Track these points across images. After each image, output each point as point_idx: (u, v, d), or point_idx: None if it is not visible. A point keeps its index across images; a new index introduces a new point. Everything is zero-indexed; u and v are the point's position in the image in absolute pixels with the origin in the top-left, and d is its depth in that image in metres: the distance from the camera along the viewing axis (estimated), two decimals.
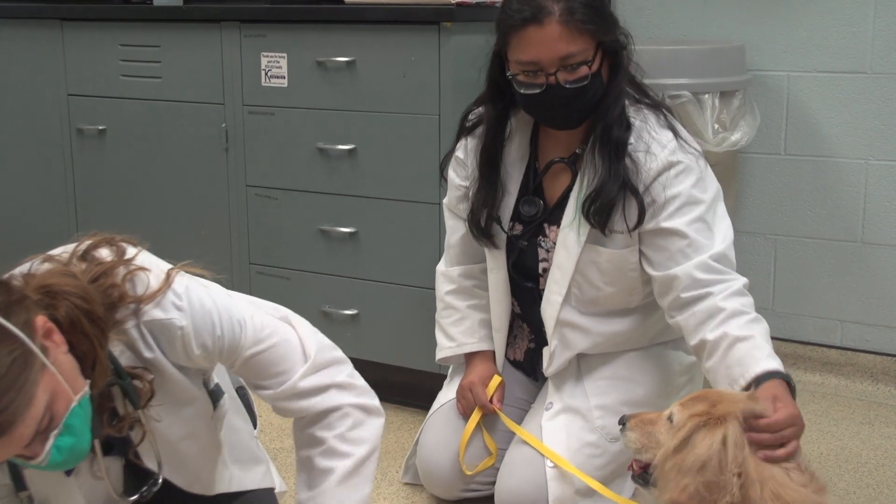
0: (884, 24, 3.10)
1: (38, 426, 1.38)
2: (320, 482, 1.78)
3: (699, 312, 2.09)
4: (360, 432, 1.81)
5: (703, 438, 1.70)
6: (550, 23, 2.09)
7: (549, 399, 2.39)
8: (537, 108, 2.23)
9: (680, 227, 2.15)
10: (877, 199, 3.20)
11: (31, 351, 1.36)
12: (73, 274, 1.53)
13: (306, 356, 1.78)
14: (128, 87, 3.37)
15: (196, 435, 1.85)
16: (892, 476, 2.67)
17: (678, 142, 2.22)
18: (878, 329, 3.27)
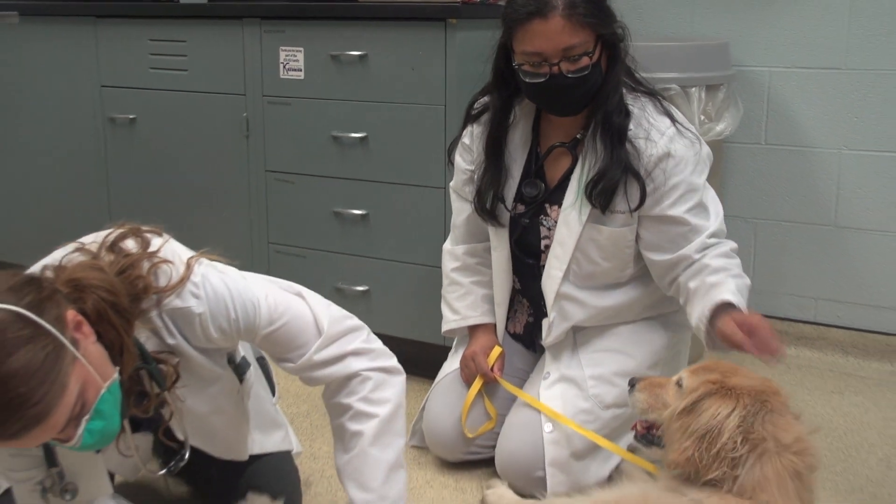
0: (857, 24, 3.08)
1: (70, 413, 1.39)
2: (353, 446, 1.77)
3: (688, 273, 2.15)
4: (382, 393, 1.79)
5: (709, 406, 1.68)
6: (554, 17, 2.07)
7: (547, 369, 2.37)
8: (541, 96, 2.22)
9: (681, 215, 2.17)
10: (849, 186, 3.19)
11: (63, 344, 1.37)
12: (101, 267, 1.53)
13: (320, 330, 1.76)
14: (156, 79, 3.34)
15: (222, 409, 1.85)
16: (859, 440, 2.66)
17: (676, 127, 2.20)
18: (848, 306, 3.26)
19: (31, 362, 1.32)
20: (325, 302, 1.83)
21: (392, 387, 1.81)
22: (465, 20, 2.75)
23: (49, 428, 1.37)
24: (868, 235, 3.19)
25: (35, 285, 1.41)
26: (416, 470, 2.49)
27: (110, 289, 1.51)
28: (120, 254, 1.59)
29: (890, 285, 3.19)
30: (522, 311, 2.51)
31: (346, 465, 1.78)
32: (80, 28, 3.47)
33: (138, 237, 1.65)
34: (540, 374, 2.39)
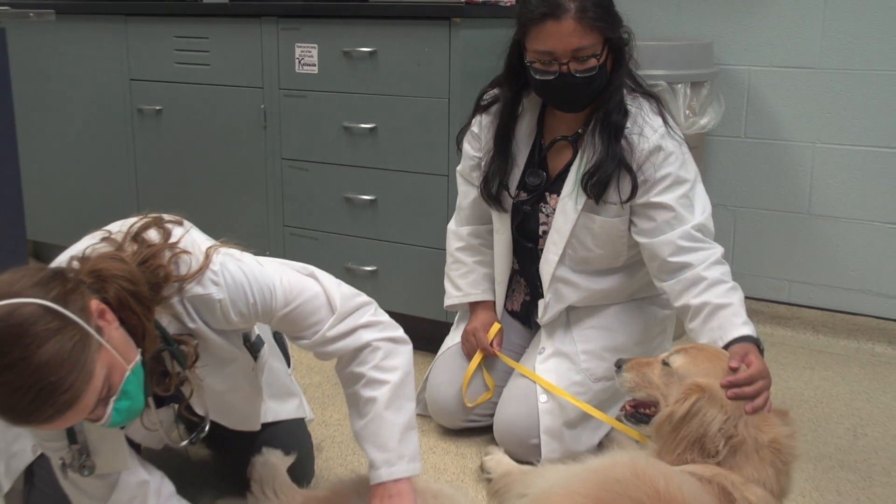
0: (830, 27, 3.06)
1: (98, 396, 1.40)
2: (368, 411, 1.75)
3: (684, 280, 2.09)
4: (391, 361, 1.77)
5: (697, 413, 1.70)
6: (566, 19, 2.04)
7: (542, 344, 2.35)
8: (549, 92, 2.19)
9: (667, 202, 2.13)
10: (822, 177, 3.17)
11: (88, 333, 1.37)
12: (122, 258, 1.51)
13: (332, 308, 1.74)
14: (181, 73, 3.32)
15: (239, 387, 1.84)
16: (828, 411, 2.65)
17: (667, 128, 2.18)
18: (820, 288, 3.25)
19: (60, 352, 1.32)
20: (336, 281, 1.80)
21: (401, 355, 1.80)
22: (468, 19, 2.72)
23: (80, 411, 1.38)
24: (839, 223, 3.17)
25: (60, 279, 1.40)
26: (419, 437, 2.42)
27: (131, 278, 1.50)
28: (143, 244, 1.58)
29: (858, 269, 3.17)
30: (520, 290, 2.48)
31: (362, 429, 1.76)
32: (111, 26, 3.44)
33: (160, 228, 1.63)
34: (535, 348, 2.37)
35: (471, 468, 2.30)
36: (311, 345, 1.75)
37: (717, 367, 1.80)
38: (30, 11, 2.63)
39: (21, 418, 1.35)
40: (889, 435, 2.49)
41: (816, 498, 2.16)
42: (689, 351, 1.85)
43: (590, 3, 2.05)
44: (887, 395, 2.75)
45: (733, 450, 1.68)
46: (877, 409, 2.66)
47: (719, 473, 1.66)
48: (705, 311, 2.02)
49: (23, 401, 1.31)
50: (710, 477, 1.65)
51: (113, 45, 3.45)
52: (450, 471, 2.29)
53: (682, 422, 1.71)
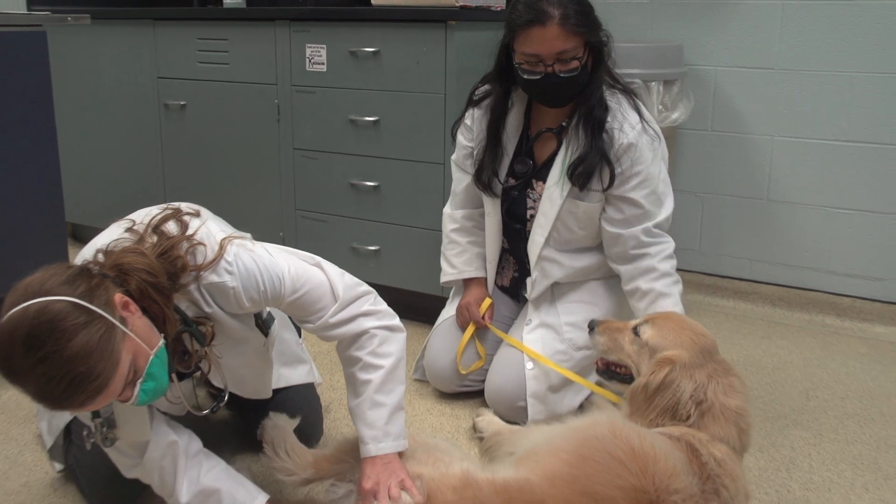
0: (787, 32, 3.03)
1: (125, 380, 1.40)
2: (363, 391, 1.72)
3: (640, 268, 2.16)
4: (386, 347, 1.74)
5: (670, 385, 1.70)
6: (551, 25, 2.01)
7: (529, 317, 2.33)
8: (536, 90, 2.15)
9: (637, 199, 2.14)
10: (779, 167, 3.14)
11: (114, 325, 1.37)
12: (143, 252, 1.49)
13: (336, 296, 1.71)
14: (203, 71, 3.27)
15: (251, 363, 1.83)
16: (784, 376, 2.65)
17: (643, 124, 2.15)
18: (777, 266, 3.23)
19: (88, 344, 1.32)
20: (340, 271, 1.77)
21: (395, 342, 1.76)
22: (462, 22, 2.68)
23: (109, 395, 1.38)
24: (794, 208, 3.14)
25: (86, 276, 1.40)
26: (418, 400, 2.45)
27: (151, 270, 1.48)
28: (162, 236, 1.55)
29: (811, 249, 3.15)
30: (509, 267, 2.45)
31: (356, 407, 1.73)
32: (140, 29, 3.40)
33: (179, 220, 1.60)
34: (523, 320, 2.34)
35: (464, 428, 2.28)
36: (315, 329, 1.73)
37: (684, 337, 1.78)
38: (68, 16, 2.70)
39: (57, 404, 1.35)
40: (837, 397, 2.49)
41: (773, 453, 2.16)
42: (657, 322, 1.85)
43: (572, 11, 2.03)
44: (836, 362, 2.75)
45: (702, 413, 1.68)
46: (826, 374, 2.66)
47: (688, 432, 1.67)
48: (650, 296, 2.13)
49: (57, 389, 1.31)
50: (680, 435, 1.66)
51: (142, 46, 3.41)
52: (445, 430, 2.27)
53: (656, 392, 1.70)
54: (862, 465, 2.10)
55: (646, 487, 1.50)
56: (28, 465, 2.05)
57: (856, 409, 2.42)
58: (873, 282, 3.06)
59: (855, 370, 2.69)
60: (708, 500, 1.58)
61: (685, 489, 1.54)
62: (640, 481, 1.50)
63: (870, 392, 2.53)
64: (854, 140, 2.99)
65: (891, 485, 2.02)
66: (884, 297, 3.05)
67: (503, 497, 1.47)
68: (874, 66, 2.91)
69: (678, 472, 1.54)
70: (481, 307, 2.39)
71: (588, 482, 1.49)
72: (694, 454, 1.61)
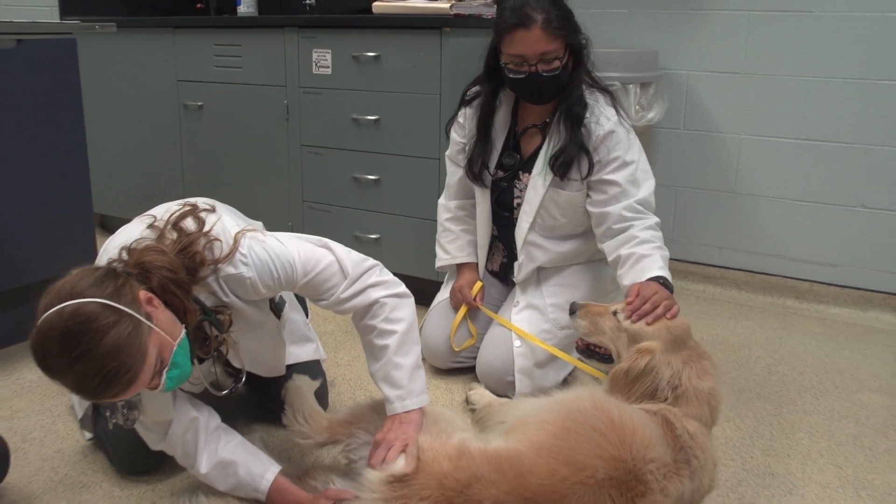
0: (752, 40, 3.02)
1: (153, 370, 1.41)
2: (382, 355, 1.71)
3: (621, 238, 2.09)
4: (398, 313, 1.72)
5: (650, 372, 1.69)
6: (535, 28, 2.00)
7: (517, 299, 2.31)
8: (521, 88, 2.14)
9: (617, 179, 2.11)
10: (746, 162, 3.13)
11: (140, 321, 1.38)
12: (163, 250, 1.49)
13: (345, 274, 1.70)
14: (219, 74, 3.24)
15: (268, 344, 1.84)
16: (748, 353, 2.65)
17: (619, 118, 2.14)
18: (743, 253, 3.21)
19: (119, 341, 1.33)
20: (347, 249, 1.75)
21: (405, 307, 1.74)
22: (456, 29, 2.65)
23: (139, 384, 1.39)
24: (759, 200, 3.13)
25: (112, 276, 1.41)
26: None
27: (171, 267, 1.48)
28: (181, 233, 1.55)
29: (773, 238, 3.14)
30: (498, 253, 2.43)
31: (377, 371, 1.72)
32: (161, 36, 3.37)
33: (196, 217, 1.59)
34: (511, 302, 2.33)
35: (458, 401, 2.27)
36: (329, 305, 1.71)
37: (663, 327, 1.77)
38: (95, 24, 2.72)
39: (93, 396, 1.37)
40: (796, 372, 2.49)
41: (738, 423, 2.15)
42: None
43: (554, 16, 2.02)
44: (794, 340, 2.75)
45: (677, 397, 1.68)
46: (787, 351, 2.66)
47: (664, 408, 1.67)
48: (631, 259, 2.03)
49: (92, 384, 1.33)
50: (656, 410, 1.66)
51: (163, 52, 3.38)
52: (441, 403, 2.25)
53: (636, 378, 1.70)
54: (817, 433, 2.10)
55: (624, 457, 1.50)
56: (61, 434, 2.05)
57: (812, 382, 2.42)
58: (829, 267, 3.06)
59: (812, 347, 2.69)
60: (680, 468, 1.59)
61: (659, 458, 1.54)
62: (618, 451, 1.50)
63: (825, 367, 2.53)
64: (812, 138, 2.98)
65: (842, 450, 2.02)
66: (838, 281, 3.05)
67: (494, 465, 1.47)
68: (829, 72, 2.90)
69: (654, 443, 1.54)
70: (473, 290, 2.37)
71: (571, 452, 1.49)
72: (668, 427, 1.61)
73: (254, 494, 1.70)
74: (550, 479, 1.45)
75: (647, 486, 1.50)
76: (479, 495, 1.42)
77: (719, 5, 3.03)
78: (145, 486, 1.82)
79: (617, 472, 1.48)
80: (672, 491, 1.57)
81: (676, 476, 1.58)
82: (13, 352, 2.54)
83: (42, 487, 1.81)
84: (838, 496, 1.81)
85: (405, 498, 1.45)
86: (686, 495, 1.63)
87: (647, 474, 1.51)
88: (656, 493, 1.51)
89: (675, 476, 1.57)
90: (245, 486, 1.70)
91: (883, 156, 2.88)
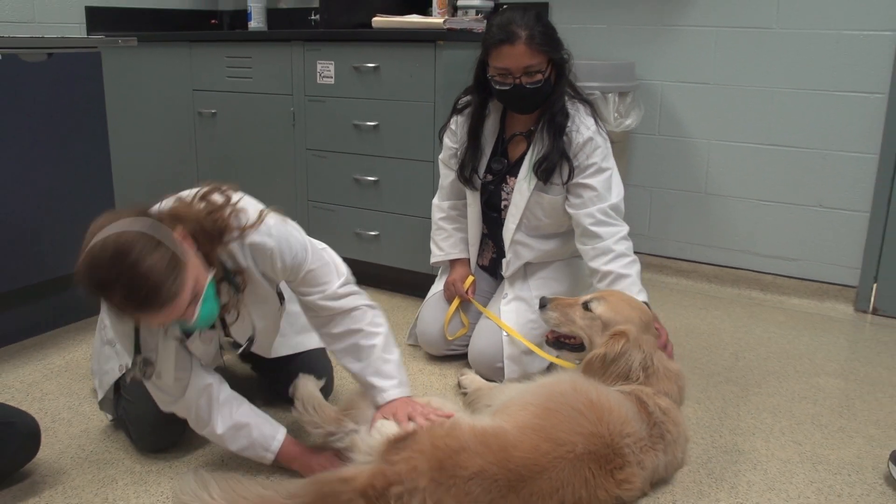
0: (720, 54, 3.02)
1: (190, 296, 1.42)
2: (370, 354, 1.72)
3: (597, 249, 2.09)
4: (379, 319, 1.76)
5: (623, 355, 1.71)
6: (519, 44, 2.01)
7: (506, 292, 2.31)
8: (506, 99, 2.14)
9: (593, 184, 2.11)
10: (715, 165, 3.13)
11: (178, 251, 1.40)
12: (193, 208, 1.51)
13: (339, 273, 1.73)
14: (231, 84, 3.23)
15: (266, 320, 1.82)
16: (717, 340, 2.65)
17: (597, 127, 2.14)
18: (713, 249, 3.21)
19: (159, 263, 1.36)
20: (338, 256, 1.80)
21: (381, 316, 1.78)
22: (449, 42, 2.65)
23: (178, 306, 1.40)
24: (727, 200, 3.13)
25: (146, 216, 1.44)
26: (411, 362, 2.44)
27: (199, 221, 1.50)
28: (208, 203, 1.56)
29: (741, 235, 3.14)
30: (488, 249, 2.43)
31: (365, 367, 1.72)
32: (178, 49, 3.35)
33: (222, 192, 1.60)
34: (500, 295, 2.33)
35: (450, 385, 2.27)
36: (321, 297, 1.72)
37: (634, 314, 1.78)
38: (118, 39, 2.75)
39: (137, 307, 1.38)
40: (761, 358, 2.50)
41: (708, 405, 2.16)
42: (608, 299, 1.83)
43: (537, 32, 2.02)
44: (759, 329, 2.76)
45: (648, 376, 1.69)
46: (752, 339, 2.66)
47: (637, 388, 1.68)
48: (610, 277, 2.05)
49: (138, 297, 1.35)
50: (630, 391, 1.67)
51: (180, 64, 3.36)
52: (435, 387, 2.26)
53: (612, 361, 1.71)
54: (779, 413, 2.11)
55: (602, 433, 1.51)
56: (87, 415, 2.05)
57: (775, 367, 2.43)
58: (790, 262, 3.06)
59: (775, 335, 2.70)
60: (654, 442, 1.60)
61: (635, 433, 1.55)
62: (596, 428, 1.51)
63: (786, 353, 2.54)
64: (775, 144, 2.98)
65: (802, 429, 2.03)
66: (799, 274, 3.05)
67: (480, 439, 1.47)
68: (790, 83, 2.90)
69: (629, 419, 1.55)
70: (465, 283, 2.37)
71: (553, 430, 1.50)
72: (642, 405, 1.62)
73: (264, 454, 1.72)
74: (533, 453, 1.46)
75: (625, 460, 1.51)
76: (466, 463, 1.43)
77: (690, 22, 3.04)
78: (163, 463, 1.82)
79: (595, 447, 1.49)
80: (648, 463, 1.58)
81: (652, 450, 1.59)
82: (43, 340, 2.54)
83: (70, 463, 1.82)
84: (798, 470, 1.83)
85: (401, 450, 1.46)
86: (661, 467, 1.64)
87: (623, 448, 1.52)
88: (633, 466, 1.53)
89: (650, 450, 1.59)
90: (256, 446, 1.71)
91: (839, 160, 2.89)
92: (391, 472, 1.43)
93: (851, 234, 2.92)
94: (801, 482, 1.77)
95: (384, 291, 3.08)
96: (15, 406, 1.78)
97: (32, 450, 1.74)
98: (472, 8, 3.16)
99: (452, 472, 1.41)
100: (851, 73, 2.79)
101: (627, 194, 2.22)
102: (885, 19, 2.71)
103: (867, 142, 2.82)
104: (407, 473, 1.41)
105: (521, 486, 1.42)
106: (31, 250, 2.41)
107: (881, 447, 1.93)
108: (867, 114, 2.80)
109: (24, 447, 1.72)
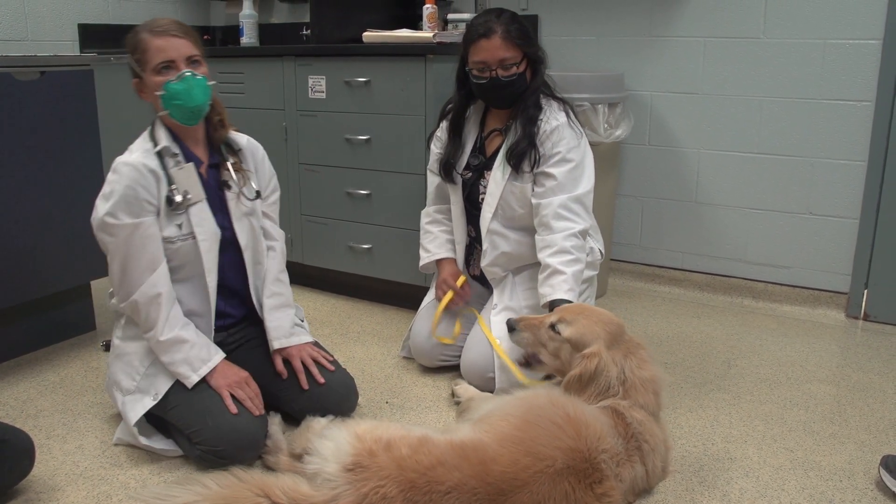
0: (708, 64, 3.05)
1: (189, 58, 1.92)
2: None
3: (545, 240, 2.14)
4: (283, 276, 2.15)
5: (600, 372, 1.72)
6: (494, 38, 2.11)
7: (495, 301, 2.33)
8: (483, 92, 2.21)
9: (554, 173, 2.16)
10: (705, 175, 3.15)
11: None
12: None
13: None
14: (224, 99, 3.13)
15: (254, 233, 2.06)
16: (710, 349, 2.65)
17: (568, 120, 2.20)
18: (704, 257, 3.23)
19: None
20: None
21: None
22: (438, 56, 2.68)
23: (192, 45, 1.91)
24: (718, 209, 3.15)
25: None
26: (405, 374, 2.44)
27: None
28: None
29: (732, 243, 3.16)
30: (478, 256, 2.42)
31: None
32: None
33: None
34: (490, 305, 2.34)
35: (444, 396, 2.28)
36: (269, 226, 2.12)
37: (599, 329, 1.77)
38: (111, 56, 2.72)
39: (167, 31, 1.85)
40: (753, 365, 2.51)
41: (700, 412, 2.17)
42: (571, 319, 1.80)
43: (513, 27, 2.12)
44: (752, 336, 2.77)
45: (626, 389, 1.72)
46: (745, 347, 2.67)
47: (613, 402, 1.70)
48: (547, 271, 2.10)
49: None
50: (607, 405, 1.69)
51: None
52: (428, 398, 2.26)
53: (589, 380, 1.72)
54: (771, 421, 2.13)
55: (580, 448, 1.52)
56: (82, 431, 2.05)
57: (767, 374, 2.44)
58: (782, 269, 3.08)
59: (767, 343, 2.71)
60: (631, 455, 1.62)
61: (612, 448, 1.57)
62: (575, 443, 1.52)
63: (778, 360, 2.55)
64: (764, 152, 3.01)
65: (793, 436, 2.04)
66: (790, 281, 3.07)
67: (458, 452, 1.47)
68: (778, 92, 2.93)
69: (605, 434, 1.58)
70: (458, 281, 2.38)
71: (532, 443, 1.50)
72: (619, 418, 1.64)
73: (189, 374, 1.83)
74: (513, 467, 1.46)
75: (603, 474, 1.53)
76: (443, 478, 1.43)
77: (678, 32, 3.07)
78: (157, 479, 1.83)
79: (574, 462, 1.50)
80: (626, 476, 1.60)
81: (628, 462, 1.61)
82: (38, 356, 2.55)
83: (64, 480, 1.82)
84: (790, 476, 1.84)
85: (364, 480, 1.43)
86: (639, 479, 1.66)
87: (601, 463, 1.54)
88: (611, 479, 1.54)
89: (626, 463, 1.61)
90: (193, 361, 1.84)
91: (827, 167, 2.91)
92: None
93: (841, 241, 2.94)
94: (793, 489, 1.79)
95: (377, 304, 3.09)
96: (9, 423, 1.79)
97: (27, 467, 1.74)
98: (462, 22, 3.19)
99: (427, 488, 1.41)
100: (838, 81, 2.83)
101: (618, 204, 2.24)
102: (871, 28, 2.75)
103: (855, 149, 2.85)
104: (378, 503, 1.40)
105: (501, 501, 1.43)
106: (25, 267, 2.42)
107: (872, 453, 1.95)
108: (855, 121, 2.83)
109: (19, 464, 1.72)
